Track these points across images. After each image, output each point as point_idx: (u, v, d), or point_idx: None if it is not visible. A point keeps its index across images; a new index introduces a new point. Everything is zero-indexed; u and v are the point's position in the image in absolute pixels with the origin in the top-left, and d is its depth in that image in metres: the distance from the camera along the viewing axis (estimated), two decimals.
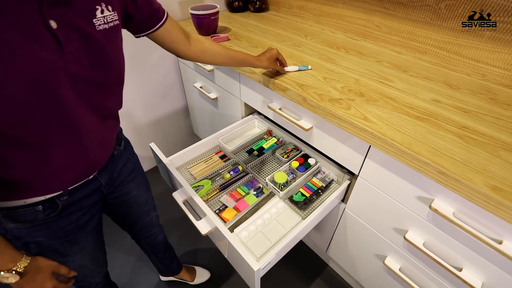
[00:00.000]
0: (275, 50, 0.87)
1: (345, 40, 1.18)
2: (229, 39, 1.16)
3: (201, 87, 1.37)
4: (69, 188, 0.57)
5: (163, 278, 1.24)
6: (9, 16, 0.36)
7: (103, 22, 0.48)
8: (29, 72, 0.39)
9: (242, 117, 1.22)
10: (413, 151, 0.62)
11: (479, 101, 0.80)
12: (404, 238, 0.75)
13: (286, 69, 0.91)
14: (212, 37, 1.15)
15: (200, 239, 1.40)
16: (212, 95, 1.31)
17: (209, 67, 1.22)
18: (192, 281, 1.21)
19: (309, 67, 0.94)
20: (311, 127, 0.88)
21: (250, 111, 1.22)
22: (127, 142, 0.76)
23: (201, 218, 0.83)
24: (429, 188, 0.66)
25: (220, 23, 1.33)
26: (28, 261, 0.52)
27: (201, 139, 1.94)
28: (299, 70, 0.93)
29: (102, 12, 0.47)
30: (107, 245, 0.80)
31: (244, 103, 1.16)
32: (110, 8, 0.49)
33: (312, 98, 0.79)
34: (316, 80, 0.88)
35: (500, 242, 0.57)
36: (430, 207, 0.65)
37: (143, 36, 0.63)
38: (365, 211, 0.87)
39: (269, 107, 0.98)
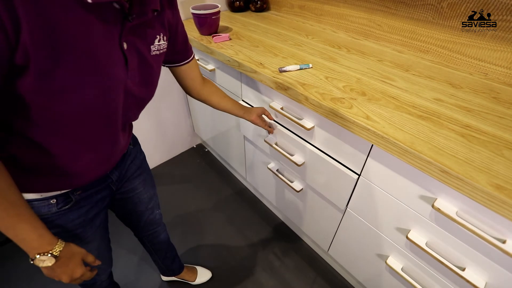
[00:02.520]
0: (261, 108, 0.93)
1: (347, 39, 1.18)
2: (230, 39, 1.16)
3: None
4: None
5: (164, 278, 1.23)
6: (102, 34, 0.43)
7: (157, 49, 0.55)
8: (103, 81, 0.45)
9: None
10: (415, 150, 0.61)
11: (482, 100, 0.79)
12: (407, 237, 0.75)
13: (288, 68, 0.91)
14: (213, 36, 1.15)
15: (202, 238, 1.40)
16: None
17: (210, 66, 1.22)
18: (194, 281, 1.21)
19: (310, 65, 0.94)
20: (313, 127, 0.88)
21: None
22: (135, 139, 0.78)
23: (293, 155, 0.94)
24: (432, 187, 0.66)
25: (221, 23, 1.33)
26: (63, 245, 0.52)
27: (202, 139, 1.94)
28: (300, 69, 0.93)
29: (159, 41, 0.55)
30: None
31: (246, 102, 1.16)
32: (165, 38, 0.57)
33: (314, 97, 0.79)
34: (318, 79, 0.88)
35: (504, 242, 0.57)
36: (433, 206, 0.64)
37: (167, 66, 0.71)
38: (367, 210, 0.86)
39: (270, 107, 0.98)
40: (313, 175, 0.97)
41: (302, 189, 1.09)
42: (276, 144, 1.05)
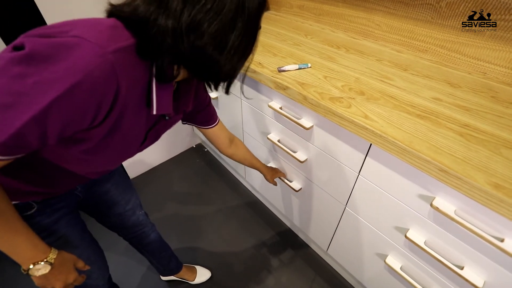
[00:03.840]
0: (279, 173, 1.11)
1: (346, 39, 1.18)
2: None
3: None
4: None
5: (163, 278, 1.23)
6: (143, 126, 0.51)
7: (170, 127, 0.63)
8: (120, 153, 0.53)
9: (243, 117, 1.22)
10: (414, 149, 0.61)
11: (480, 99, 0.80)
12: (405, 236, 0.75)
13: (286, 67, 0.91)
14: None
15: (201, 238, 1.40)
16: (213, 95, 1.31)
17: None
18: (193, 280, 1.21)
19: (309, 65, 0.94)
20: (312, 126, 0.88)
21: None
22: None
23: (296, 152, 1.02)
24: (430, 186, 0.66)
25: None
26: (57, 252, 0.52)
27: (202, 139, 1.94)
28: (299, 69, 0.93)
29: (176, 124, 0.64)
30: (106, 247, 0.79)
31: (245, 102, 1.16)
32: (179, 120, 0.66)
33: (312, 96, 0.79)
34: (317, 78, 0.88)
35: (502, 240, 0.57)
36: (431, 205, 0.65)
37: (189, 124, 0.78)
38: (366, 209, 0.87)
39: (269, 106, 0.98)
40: (316, 171, 0.98)
41: (301, 188, 1.09)
42: (279, 141, 1.06)
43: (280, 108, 0.96)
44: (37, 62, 0.34)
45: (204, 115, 0.76)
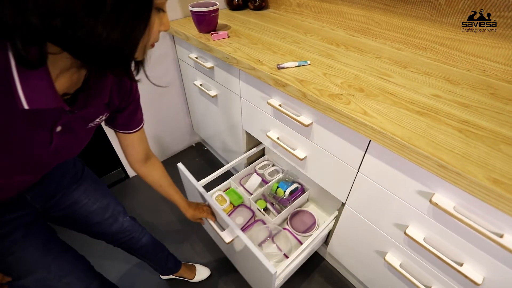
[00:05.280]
0: (204, 213, 0.97)
1: (345, 37, 1.18)
2: (229, 36, 1.16)
3: (201, 85, 1.37)
4: None
5: (163, 277, 1.23)
6: (27, 123, 0.42)
7: (94, 124, 0.55)
8: (18, 158, 0.46)
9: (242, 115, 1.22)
10: (413, 145, 0.61)
11: (480, 96, 0.79)
12: (405, 233, 0.75)
13: (286, 64, 0.91)
14: (211, 34, 1.15)
15: (201, 237, 1.40)
16: (212, 93, 1.31)
17: (209, 64, 1.22)
18: (193, 278, 1.21)
19: (308, 62, 0.94)
20: (311, 123, 0.88)
21: None
22: None
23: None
24: (430, 182, 0.66)
25: (220, 21, 1.33)
26: None
27: (201, 138, 1.93)
28: (298, 66, 0.93)
29: (100, 118, 0.55)
30: (102, 246, 0.77)
31: (245, 100, 1.16)
32: (107, 114, 0.57)
33: (312, 93, 0.79)
34: (316, 75, 0.88)
35: (501, 236, 0.57)
36: (430, 201, 0.64)
37: (107, 126, 0.68)
38: (364, 206, 0.86)
39: (268, 104, 0.98)
40: (315, 169, 0.98)
41: (233, 239, 0.97)
42: (278, 138, 1.06)
43: (280, 105, 0.96)
44: None
45: (128, 116, 0.65)
